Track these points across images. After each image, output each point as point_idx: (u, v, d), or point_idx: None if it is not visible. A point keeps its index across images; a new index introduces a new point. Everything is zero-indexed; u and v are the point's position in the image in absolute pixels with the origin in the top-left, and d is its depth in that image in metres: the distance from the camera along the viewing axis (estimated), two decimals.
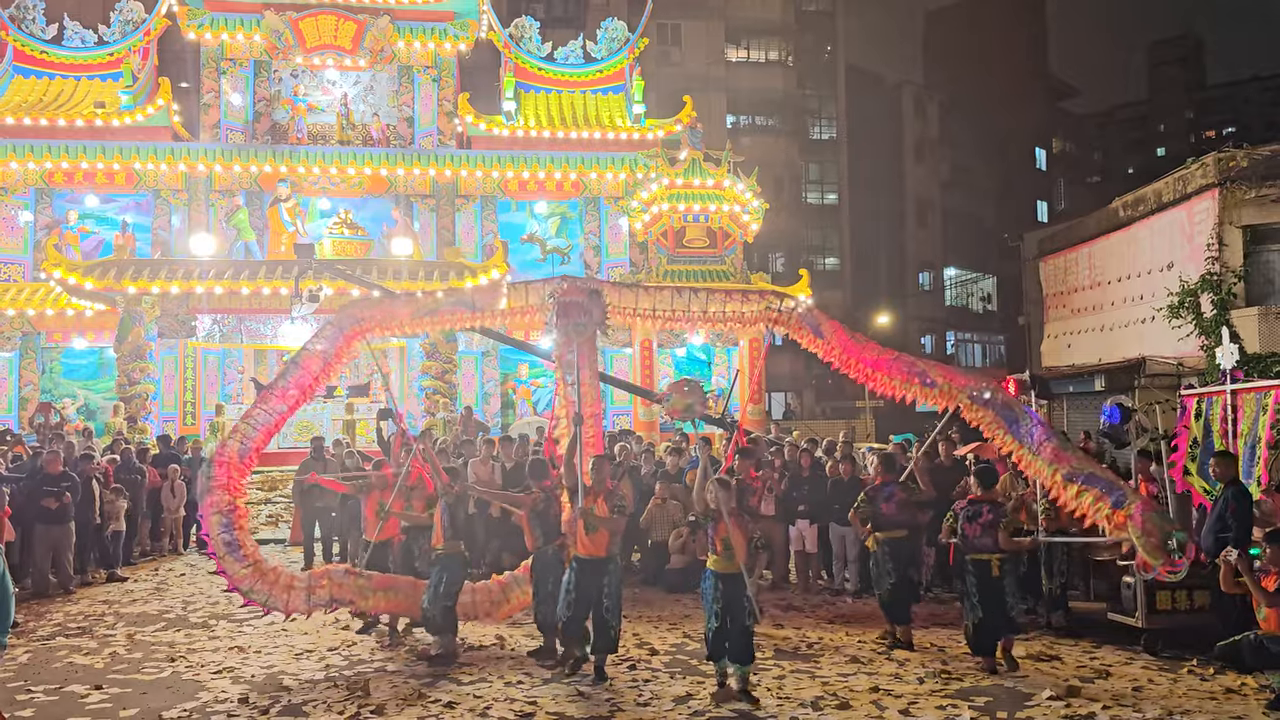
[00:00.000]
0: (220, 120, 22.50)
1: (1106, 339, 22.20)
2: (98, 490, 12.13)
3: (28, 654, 8.48)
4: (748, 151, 28.11)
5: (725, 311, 8.90)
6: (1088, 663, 8.13)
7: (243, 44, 22.46)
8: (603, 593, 7.53)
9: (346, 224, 20.67)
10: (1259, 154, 18.37)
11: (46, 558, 11.15)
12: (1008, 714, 6.75)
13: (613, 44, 24.63)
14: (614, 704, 6.99)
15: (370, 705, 6.97)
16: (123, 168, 21.38)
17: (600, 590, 7.53)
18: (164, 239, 21.63)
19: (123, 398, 18.54)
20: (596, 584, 7.53)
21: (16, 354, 20.52)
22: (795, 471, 11.70)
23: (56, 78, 22.55)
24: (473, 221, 22.96)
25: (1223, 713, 6.76)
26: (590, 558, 7.57)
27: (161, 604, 10.65)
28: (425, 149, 22.74)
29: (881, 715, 6.74)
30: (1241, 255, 18.26)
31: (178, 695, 7.25)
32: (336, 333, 8.70)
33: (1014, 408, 7.96)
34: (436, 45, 23.04)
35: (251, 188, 22.02)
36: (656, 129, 23.29)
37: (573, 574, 7.60)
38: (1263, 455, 9.25)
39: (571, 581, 7.58)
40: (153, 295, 18.54)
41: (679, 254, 22.24)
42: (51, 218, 21.55)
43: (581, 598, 7.54)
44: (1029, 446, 7.66)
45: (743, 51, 41.74)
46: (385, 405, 16.72)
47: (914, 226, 44.81)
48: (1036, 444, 7.64)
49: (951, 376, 8.21)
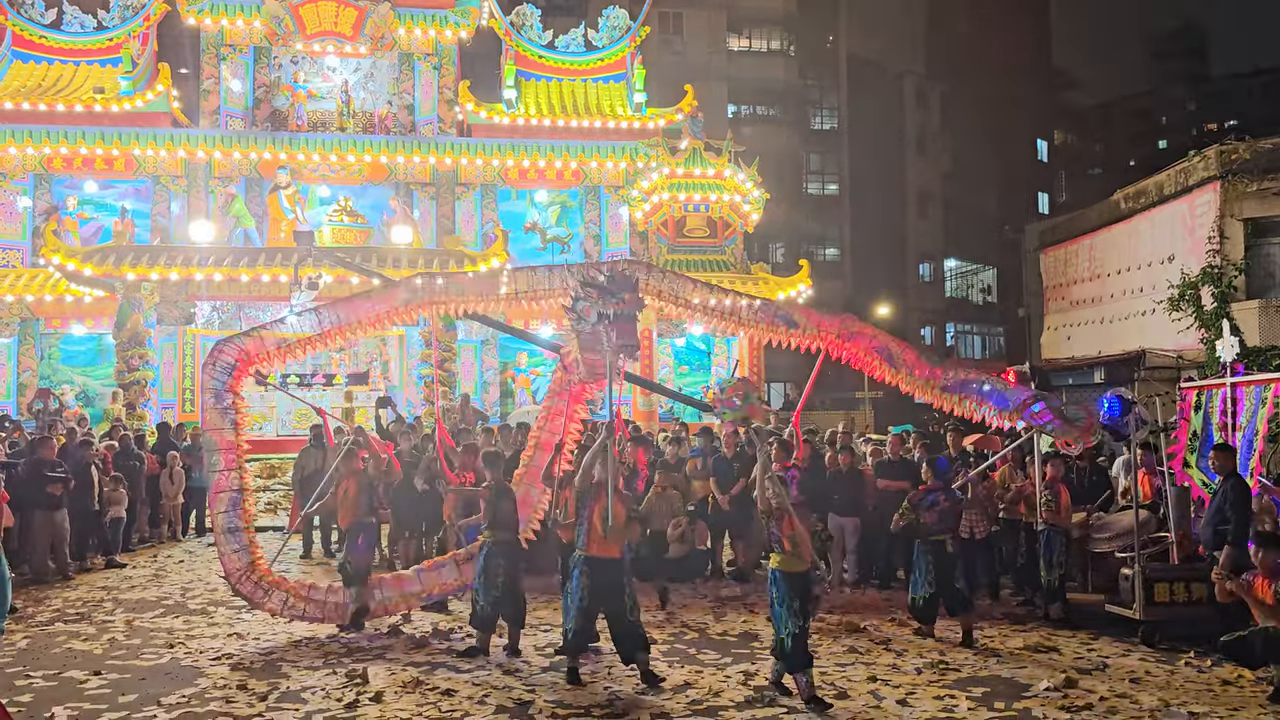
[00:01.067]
0: (220, 106, 22.40)
1: (1107, 331, 22.19)
2: (96, 476, 12.13)
3: (26, 639, 8.49)
4: (748, 141, 28.03)
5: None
6: (1085, 654, 8.14)
7: (242, 30, 22.35)
8: (624, 593, 7.15)
9: (346, 211, 20.62)
10: (1261, 147, 18.33)
11: (46, 544, 11.16)
12: (1005, 704, 6.76)
13: (614, 32, 24.53)
14: (612, 693, 7.00)
15: (369, 692, 6.98)
16: (122, 154, 21.30)
17: (621, 590, 7.14)
18: (163, 225, 21.57)
19: (121, 384, 18.53)
20: (615, 585, 7.12)
21: (15, 340, 20.48)
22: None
23: (55, 63, 22.44)
24: (473, 210, 22.90)
25: (1219, 704, 6.78)
26: (605, 558, 7.16)
27: (160, 590, 10.66)
28: (425, 137, 22.67)
29: (879, 705, 6.75)
30: (1242, 248, 18.24)
31: (176, 681, 7.26)
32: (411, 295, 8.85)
33: (883, 339, 8.63)
34: (437, 32, 22.94)
35: (251, 174, 21.96)
36: (657, 118, 23.22)
37: (584, 578, 7.12)
38: (1259, 448, 9.26)
39: (583, 587, 7.09)
40: (152, 282, 18.50)
41: (679, 243, 22.21)
42: (50, 203, 21.47)
43: (594, 605, 7.10)
44: (905, 371, 8.45)
45: (744, 40, 41.57)
46: (384, 394, 16.70)
47: (914, 217, 44.71)
48: (910, 367, 8.44)
49: (813, 316, 8.90)
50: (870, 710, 6.65)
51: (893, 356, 8.60)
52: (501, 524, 8.00)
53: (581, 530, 7.28)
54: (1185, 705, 6.74)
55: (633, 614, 7.17)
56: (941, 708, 6.70)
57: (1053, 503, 9.44)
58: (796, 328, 8.80)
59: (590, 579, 7.11)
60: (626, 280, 7.76)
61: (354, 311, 8.89)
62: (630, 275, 7.93)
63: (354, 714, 6.54)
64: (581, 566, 7.20)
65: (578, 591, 7.13)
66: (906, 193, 44.56)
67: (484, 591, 7.91)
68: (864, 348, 8.71)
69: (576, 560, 7.29)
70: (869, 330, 8.86)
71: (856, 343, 8.73)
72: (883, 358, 8.61)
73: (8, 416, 17.39)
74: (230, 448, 8.58)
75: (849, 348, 8.76)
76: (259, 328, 9.38)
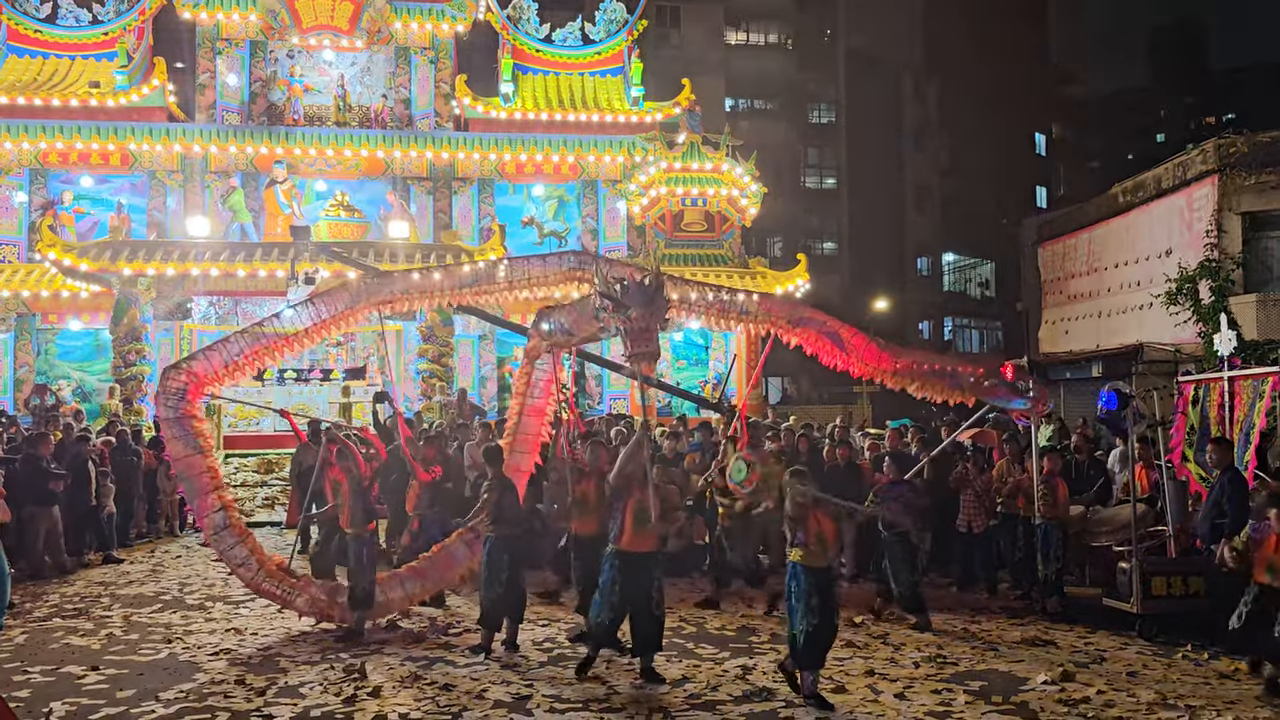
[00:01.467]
0: (216, 101, 22.33)
1: (1104, 325, 22.20)
2: (93, 472, 12.11)
3: (24, 635, 8.48)
4: (746, 135, 27.93)
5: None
6: (1082, 647, 8.16)
7: (238, 24, 22.28)
8: (652, 587, 7.13)
9: (343, 206, 20.57)
10: (1259, 140, 18.33)
11: (43, 540, 11.15)
12: (1002, 698, 6.77)
13: (611, 26, 24.47)
14: (610, 688, 7.00)
15: (367, 687, 6.98)
16: (118, 148, 21.24)
17: (650, 585, 7.12)
18: (159, 220, 21.51)
19: (118, 380, 18.49)
20: (645, 579, 7.11)
21: (11, 335, 20.44)
22: (793, 457, 11.69)
23: (51, 57, 22.36)
24: (470, 204, 22.86)
25: (1216, 697, 6.79)
26: (637, 553, 7.13)
27: (158, 586, 10.65)
28: (422, 131, 22.61)
29: (877, 699, 6.76)
30: (1240, 242, 18.24)
31: (174, 676, 7.26)
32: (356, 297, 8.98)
33: (833, 325, 8.85)
34: (434, 26, 22.87)
35: (247, 169, 21.90)
36: (655, 112, 23.17)
37: (615, 573, 7.12)
38: (1254, 441, 9.27)
39: (615, 582, 7.10)
40: (148, 277, 18.45)
41: (677, 238, 22.17)
42: (46, 198, 21.42)
43: (625, 598, 7.10)
44: (855, 356, 8.73)
45: (742, 34, 41.49)
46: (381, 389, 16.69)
47: (913, 211, 44.66)
48: (860, 351, 8.72)
49: (764, 303, 9.06)
50: (868, 704, 6.65)
51: (843, 342, 8.82)
52: (505, 519, 8.00)
53: (615, 525, 7.27)
54: (1182, 699, 6.75)
55: (658, 609, 7.17)
56: (939, 702, 6.71)
57: (1050, 496, 9.45)
58: (749, 315, 8.96)
59: (621, 573, 7.12)
60: (643, 291, 7.63)
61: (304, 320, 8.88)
62: (649, 286, 7.67)
63: (352, 709, 6.54)
64: (613, 560, 7.19)
65: (608, 585, 7.15)
66: (904, 187, 44.51)
67: (487, 587, 7.93)
68: (814, 334, 8.90)
69: (609, 554, 7.28)
70: (819, 316, 9.04)
71: (807, 329, 8.91)
72: (834, 343, 8.83)
73: (4, 412, 17.37)
74: (201, 471, 8.54)
75: (799, 333, 8.94)
76: (256, 324, 9.36)
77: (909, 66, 44.67)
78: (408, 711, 6.49)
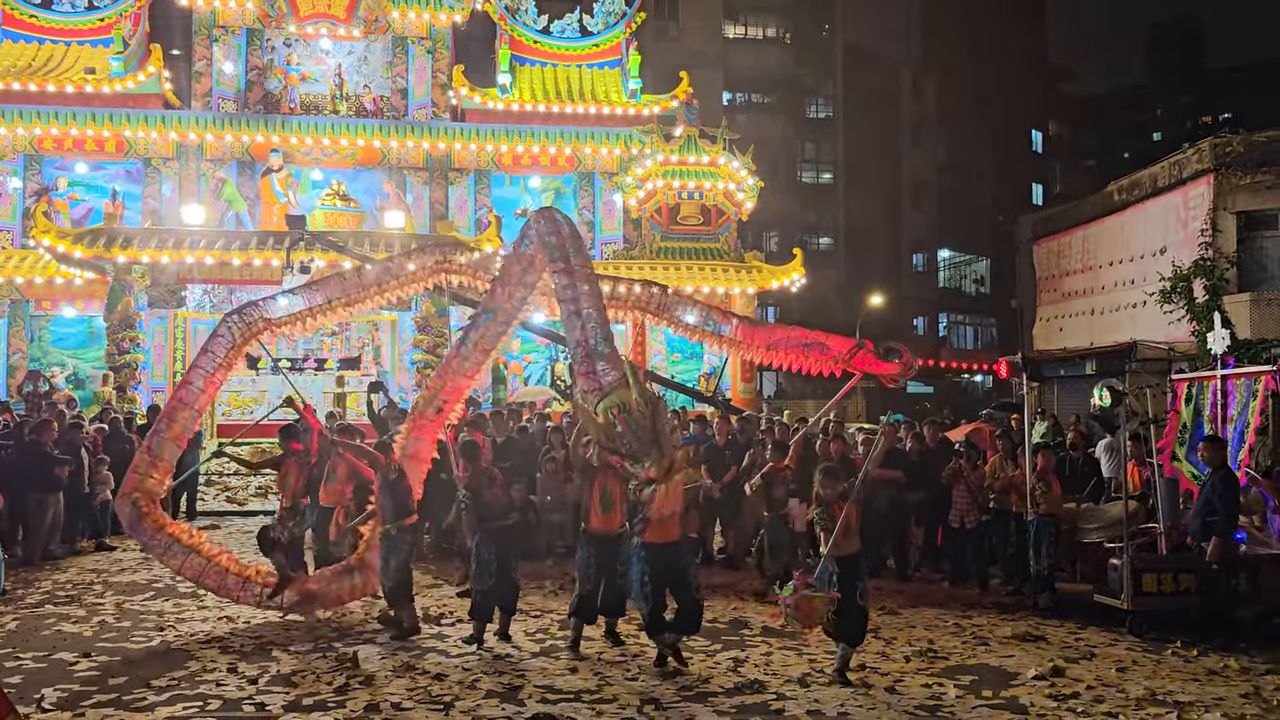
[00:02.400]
0: (212, 89, 22.25)
1: (1098, 323, 22.26)
2: (87, 459, 12.09)
3: (16, 621, 8.47)
4: (743, 129, 27.97)
5: None
6: (1073, 643, 8.19)
7: (235, 11, 22.18)
8: (687, 573, 7.23)
9: (339, 195, 20.53)
10: (1254, 140, 18.36)
11: (47, 528, 11.17)
12: (993, 692, 6.80)
13: (609, 18, 24.43)
14: (602, 678, 7.02)
15: (359, 676, 6.99)
16: (113, 135, 21.17)
17: (685, 571, 7.22)
18: (154, 208, 21.45)
19: (112, 367, 18.45)
20: (676, 567, 7.19)
21: (5, 321, 20.37)
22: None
23: (46, 42, 22.26)
24: (466, 195, 22.82)
25: (1205, 694, 6.83)
26: (663, 544, 7.15)
27: (150, 573, 10.63)
28: (419, 121, 22.56)
29: (868, 692, 6.78)
30: (1235, 241, 18.29)
31: (167, 664, 7.25)
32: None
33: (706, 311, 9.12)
34: (431, 16, 22.81)
35: (243, 157, 21.84)
36: (652, 105, 23.14)
37: (644, 564, 7.14)
38: (1249, 440, 9.31)
39: (644, 573, 7.14)
40: (143, 264, 18.40)
41: (673, 231, 22.17)
42: (41, 184, 21.34)
43: (659, 587, 7.14)
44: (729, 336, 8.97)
45: (740, 28, 41.43)
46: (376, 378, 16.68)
47: (909, 207, 44.69)
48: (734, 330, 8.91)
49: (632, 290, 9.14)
50: (859, 697, 6.68)
51: (717, 325, 9.00)
52: (486, 515, 8.02)
53: (640, 519, 7.29)
54: (1171, 695, 6.78)
55: (698, 593, 7.35)
56: (930, 695, 6.73)
57: (1045, 493, 9.47)
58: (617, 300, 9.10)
59: (650, 564, 7.17)
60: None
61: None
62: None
63: (344, 697, 6.55)
64: (639, 553, 7.24)
65: (639, 578, 7.24)
66: (901, 182, 44.53)
67: (478, 580, 7.94)
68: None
69: (635, 548, 7.30)
70: (687, 300, 9.34)
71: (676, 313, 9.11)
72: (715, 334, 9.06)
73: None
74: (198, 394, 8.58)
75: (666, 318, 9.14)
76: (250, 304, 9.36)
77: (907, 63, 44.66)
78: (400, 700, 6.50)
